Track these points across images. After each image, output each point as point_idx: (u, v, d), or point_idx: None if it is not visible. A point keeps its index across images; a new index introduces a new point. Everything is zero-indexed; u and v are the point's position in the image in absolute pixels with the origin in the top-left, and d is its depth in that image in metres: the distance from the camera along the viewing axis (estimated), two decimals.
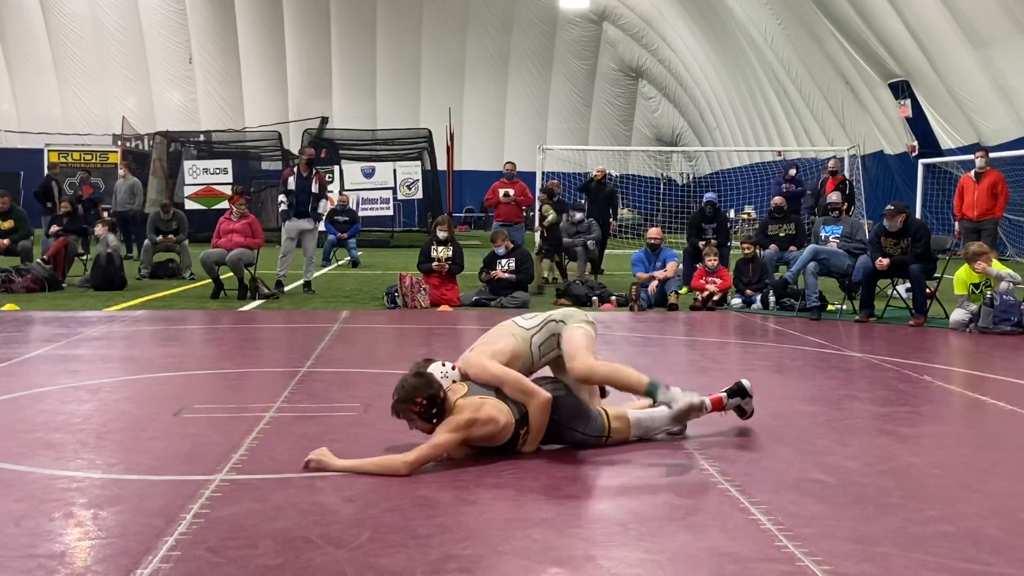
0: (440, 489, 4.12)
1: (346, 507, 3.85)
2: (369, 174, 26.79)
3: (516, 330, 4.99)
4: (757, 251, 12.77)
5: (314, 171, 13.33)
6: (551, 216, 14.86)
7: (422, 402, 4.40)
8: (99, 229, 14.66)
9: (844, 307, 11.39)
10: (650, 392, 4.80)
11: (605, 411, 4.85)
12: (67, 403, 5.89)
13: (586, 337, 4.94)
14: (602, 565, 3.24)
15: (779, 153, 31.24)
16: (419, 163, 28.13)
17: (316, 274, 14.85)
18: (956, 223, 14.87)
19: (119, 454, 4.72)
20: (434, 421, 4.43)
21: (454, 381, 4.62)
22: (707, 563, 3.27)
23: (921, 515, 3.82)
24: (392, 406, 4.50)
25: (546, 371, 5.15)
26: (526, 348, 4.93)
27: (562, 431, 4.70)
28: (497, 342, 4.89)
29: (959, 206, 14.22)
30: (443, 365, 4.65)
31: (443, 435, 4.36)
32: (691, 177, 40.05)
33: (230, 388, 6.64)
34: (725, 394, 5.12)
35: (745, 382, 5.19)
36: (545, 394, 4.60)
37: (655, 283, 12.04)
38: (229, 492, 4.02)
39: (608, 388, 5.25)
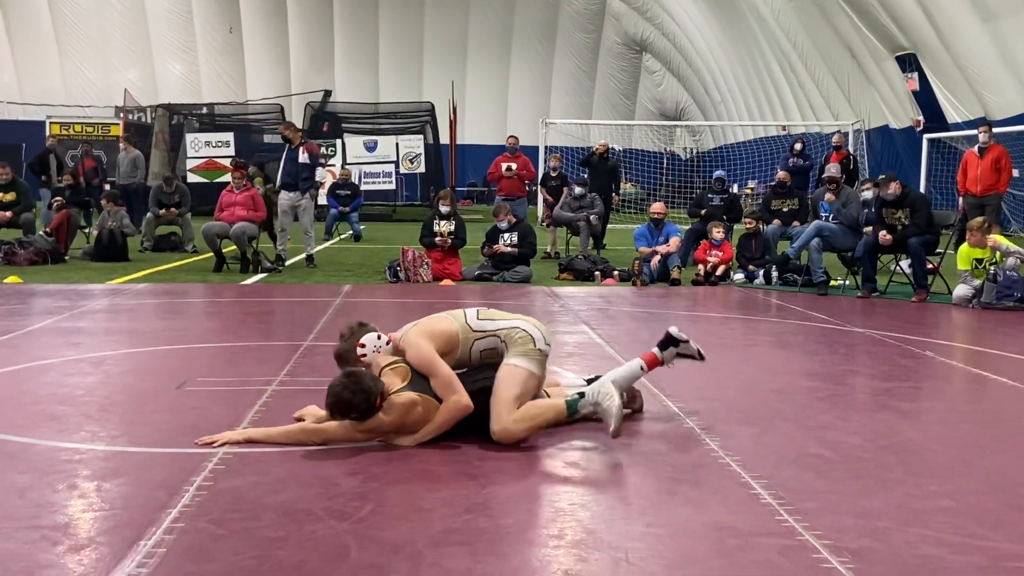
0: (442, 463, 4.13)
1: (348, 480, 3.86)
2: (371, 148, 26.71)
3: (464, 326, 4.64)
4: (760, 226, 12.75)
5: (303, 143, 13.22)
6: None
7: (355, 417, 4.23)
8: (107, 204, 14.60)
9: (847, 283, 11.37)
10: (571, 414, 4.51)
11: (547, 394, 4.70)
12: (70, 375, 5.91)
13: (517, 383, 4.44)
14: (603, 539, 3.25)
15: (783, 128, 31.11)
16: (422, 137, 28.04)
17: (318, 248, 14.83)
18: (960, 198, 14.83)
19: (122, 426, 4.74)
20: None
21: (386, 353, 4.53)
22: (708, 537, 3.28)
23: (922, 490, 3.83)
24: (327, 407, 4.28)
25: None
26: (466, 347, 4.61)
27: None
28: (439, 324, 4.63)
29: (963, 181, 14.18)
30: (378, 337, 4.52)
31: (371, 425, 4.27)
32: (695, 152, 39.91)
33: (233, 361, 6.65)
34: (657, 348, 4.84)
35: (672, 329, 4.86)
36: (466, 401, 4.32)
37: (657, 258, 12.03)
38: (232, 465, 4.04)
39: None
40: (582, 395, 4.54)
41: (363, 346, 4.50)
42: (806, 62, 29.76)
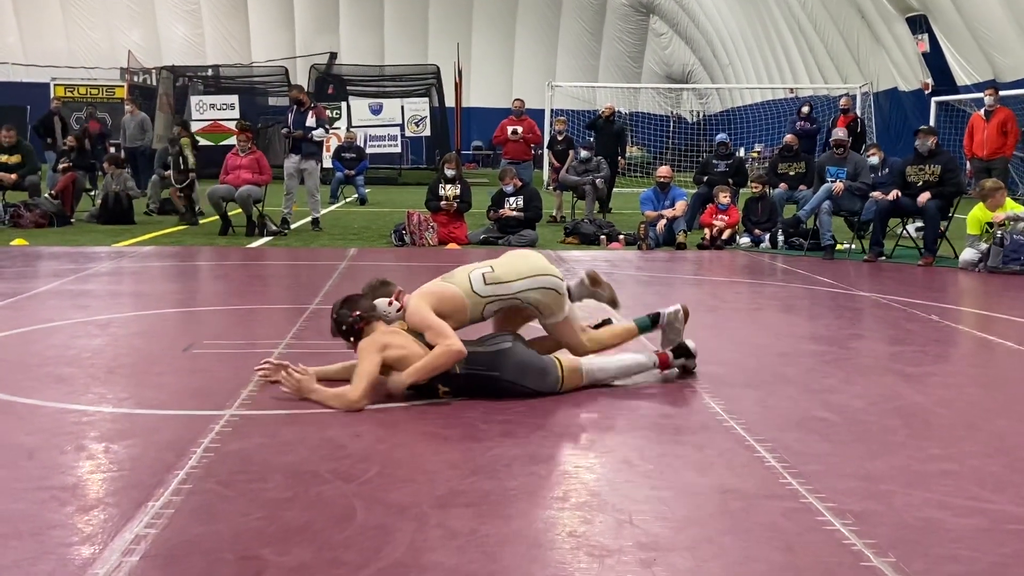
0: (447, 426, 4.15)
1: (354, 442, 3.88)
2: (376, 111, 26.59)
3: (469, 292, 4.70)
4: (767, 190, 12.70)
5: (312, 105, 13.19)
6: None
7: (333, 317, 4.61)
8: (109, 167, 14.54)
9: (853, 247, 11.34)
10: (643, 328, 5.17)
11: (559, 360, 4.71)
12: (77, 338, 5.93)
13: (574, 328, 4.98)
14: (607, 501, 3.27)
15: (791, 91, 30.88)
16: (427, 100, 27.89)
17: (324, 211, 14.82)
18: (968, 163, 14.74)
19: (129, 389, 4.76)
20: (351, 339, 4.58)
21: (394, 319, 4.69)
22: (712, 500, 3.30)
23: (925, 453, 3.84)
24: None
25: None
26: (477, 311, 4.72)
27: (510, 387, 4.51)
28: (446, 290, 4.71)
29: (969, 145, 14.08)
30: (388, 304, 4.67)
31: (364, 362, 4.39)
32: (702, 115, 39.63)
33: (239, 324, 6.67)
34: (671, 354, 5.00)
35: (690, 343, 5.04)
36: (459, 346, 4.41)
37: (663, 222, 12.00)
38: (239, 427, 4.06)
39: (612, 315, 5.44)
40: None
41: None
42: (815, 23, 29.48)
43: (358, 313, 4.57)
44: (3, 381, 4.80)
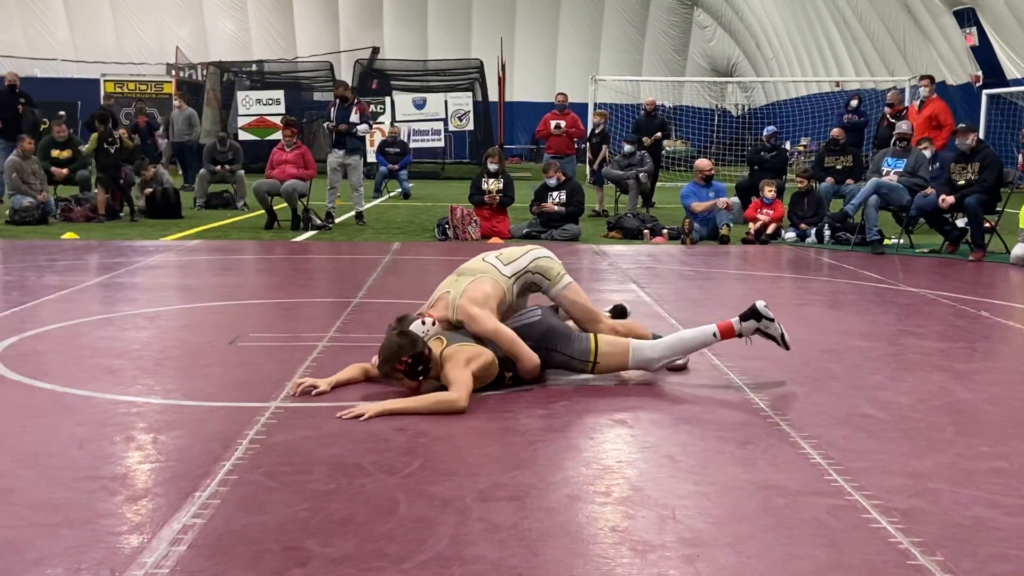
0: (490, 420, 4.16)
1: (397, 436, 3.91)
2: (420, 105, 26.66)
3: (497, 276, 4.84)
4: (813, 184, 12.57)
5: (355, 101, 13.31)
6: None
7: (407, 361, 4.31)
8: (147, 172, 14.42)
9: (901, 241, 11.19)
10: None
11: (594, 336, 4.78)
12: (126, 330, 6.02)
13: (582, 295, 5.07)
14: (650, 496, 3.26)
15: (837, 84, 30.51)
16: (470, 94, 27.90)
17: (367, 206, 14.90)
18: (1020, 156, 14.47)
19: (177, 380, 4.83)
20: (420, 378, 4.37)
21: (433, 335, 4.59)
22: (756, 496, 3.28)
23: (974, 451, 3.78)
24: (379, 366, 4.45)
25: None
26: (509, 295, 4.86)
27: (540, 354, 4.63)
28: (484, 285, 4.75)
29: None
30: (422, 323, 4.57)
31: (458, 373, 4.30)
32: (746, 108, 39.27)
33: (284, 317, 6.73)
34: (737, 319, 4.76)
35: (759, 303, 4.76)
36: (535, 360, 4.58)
37: (711, 206, 11.98)
38: (284, 419, 4.10)
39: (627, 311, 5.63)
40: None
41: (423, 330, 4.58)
42: (860, 17, 29.09)
43: (421, 348, 4.36)
44: (54, 372, 4.88)
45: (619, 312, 5.79)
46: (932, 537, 2.92)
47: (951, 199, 10.15)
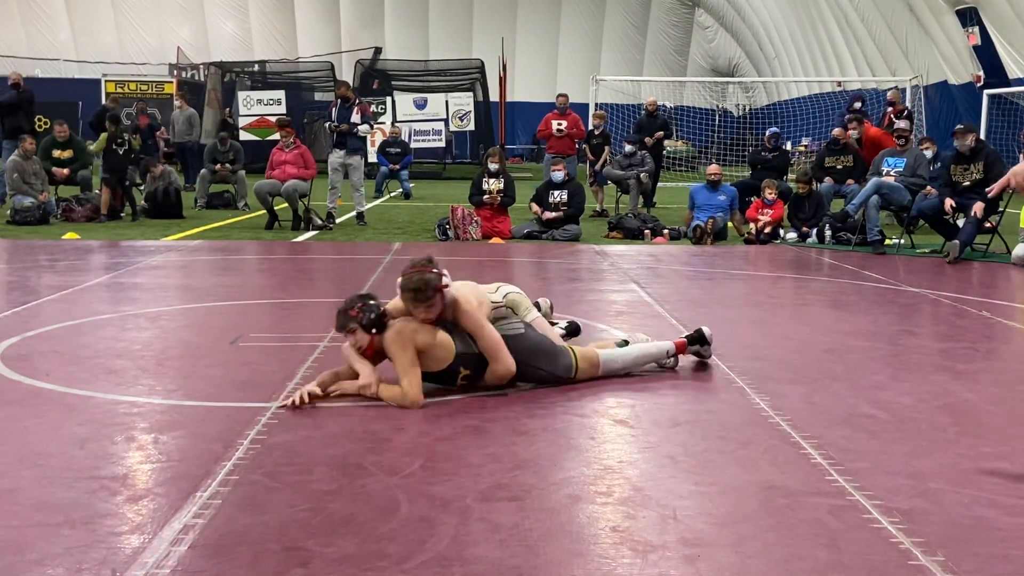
0: (491, 420, 4.16)
1: (399, 436, 3.91)
2: (421, 105, 26.66)
3: (484, 295, 4.84)
4: (814, 186, 12.57)
5: (357, 101, 13.33)
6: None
7: (361, 307, 4.39)
8: (155, 169, 14.47)
9: (902, 241, 11.19)
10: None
11: (572, 349, 4.81)
12: (127, 330, 6.02)
13: (546, 325, 5.14)
14: (651, 497, 3.26)
15: (839, 84, 30.50)
16: (471, 94, 27.90)
17: (368, 206, 14.91)
18: (1022, 156, 14.47)
19: (178, 380, 4.83)
20: (372, 331, 4.38)
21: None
22: (756, 496, 3.28)
23: (975, 451, 3.78)
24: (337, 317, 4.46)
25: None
26: (488, 312, 4.82)
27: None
28: (477, 290, 4.81)
29: None
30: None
31: (403, 355, 4.30)
32: (748, 109, 39.27)
33: (285, 318, 6.73)
34: (685, 341, 5.11)
35: (706, 329, 5.15)
36: (512, 369, 4.54)
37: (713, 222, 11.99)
38: (285, 419, 4.10)
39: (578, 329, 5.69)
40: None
41: (446, 275, 4.53)
42: (862, 16, 29.08)
43: (380, 303, 4.48)
44: (55, 372, 4.89)
45: (573, 330, 5.78)
46: (933, 537, 2.92)
47: (953, 202, 10.13)
